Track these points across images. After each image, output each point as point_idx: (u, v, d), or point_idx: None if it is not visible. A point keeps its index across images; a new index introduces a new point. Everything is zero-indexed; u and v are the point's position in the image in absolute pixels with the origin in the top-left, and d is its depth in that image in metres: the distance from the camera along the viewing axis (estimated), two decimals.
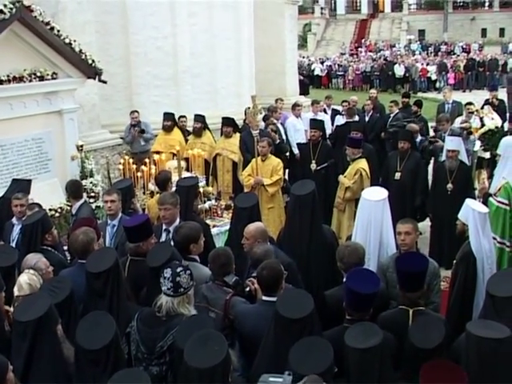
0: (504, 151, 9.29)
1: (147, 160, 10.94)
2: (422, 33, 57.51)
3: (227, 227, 8.78)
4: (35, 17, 10.09)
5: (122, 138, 14.65)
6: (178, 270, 5.23)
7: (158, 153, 12.08)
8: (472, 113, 14.42)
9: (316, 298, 6.27)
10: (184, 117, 14.39)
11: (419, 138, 12.89)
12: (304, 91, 25.87)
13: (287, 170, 13.69)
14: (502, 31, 55.48)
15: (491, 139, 13.04)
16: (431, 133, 14.38)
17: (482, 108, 15.80)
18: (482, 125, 13.78)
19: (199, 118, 13.66)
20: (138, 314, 5.32)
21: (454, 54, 47.41)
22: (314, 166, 12.15)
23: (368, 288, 5.23)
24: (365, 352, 4.45)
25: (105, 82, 11.92)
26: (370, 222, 7.11)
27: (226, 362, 4.19)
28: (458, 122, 13.82)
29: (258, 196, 10.09)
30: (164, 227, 7.74)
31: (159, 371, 5.10)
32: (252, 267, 6.21)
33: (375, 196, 7.35)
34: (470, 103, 15.24)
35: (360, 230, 7.20)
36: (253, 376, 4.73)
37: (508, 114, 14.02)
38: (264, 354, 4.95)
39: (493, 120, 14.37)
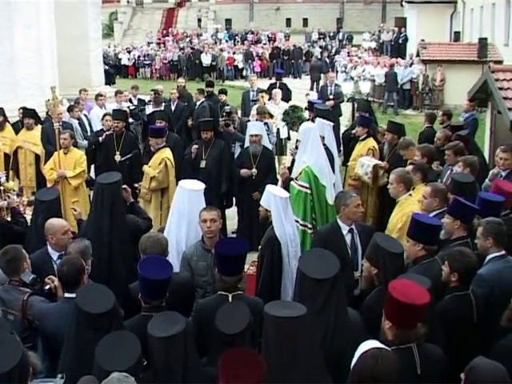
0: (303, 136, 9.58)
1: None
2: (228, 22, 58.19)
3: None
4: None
5: None
6: None
7: None
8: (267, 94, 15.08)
9: (122, 290, 6.26)
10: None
11: None
12: (110, 81, 25.47)
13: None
14: (305, 21, 57.28)
15: (291, 116, 13.55)
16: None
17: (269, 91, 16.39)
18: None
19: None
20: None
21: (261, 42, 48.43)
22: (118, 157, 11.95)
23: (159, 274, 5.23)
24: (169, 340, 4.46)
25: None
26: (185, 211, 7.14)
27: (21, 366, 4.02)
28: (254, 109, 14.18)
29: (61, 190, 9.87)
30: None
31: None
32: None
33: (193, 186, 7.44)
34: (262, 90, 15.96)
35: (175, 219, 7.22)
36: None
37: (307, 102, 14.54)
38: (67, 353, 4.83)
39: (279, 104, 15.33)
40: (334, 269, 5.07)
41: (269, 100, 15.31)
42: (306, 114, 13.74)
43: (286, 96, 17.51)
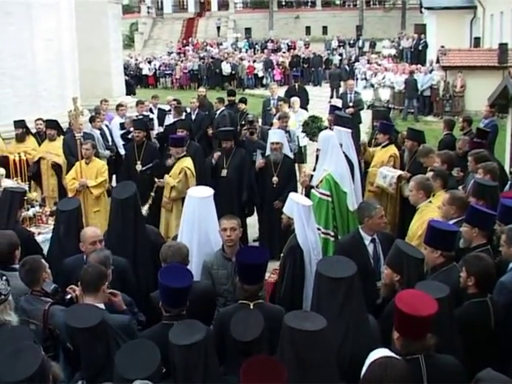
0: (322, 145, 9.59)
1: None
2: (248, 31, 58.29)
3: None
4: None
5: None
6: None
7: None
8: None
9: (145, 299, 6.31)
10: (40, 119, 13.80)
11: None
12: (130, 91, 25.62)
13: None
14: (325, 29, 57.21)
15: (311, 127, 13.54)
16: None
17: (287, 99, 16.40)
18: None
19: (20, 124, 13.27)
20: None
21: (280, 51, 48.45)
22: (139, 166, 11.96)
23: (180, 282, 5.23)
24: (189, 348, 4.47)
25: None
26: (195, 220, 7.15)
27: (40, 373, 4.06)
28: (275, 117, 14.22)
29: (83, 200, 9.95)
30: None
31: None
32: None
33: (201, 193, 7.42)
34: (282, 99, 16.11)
35: (186, 228, 7.22)
36: None
37: (329, 106, 14.63)
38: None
39: (297, 112, 15.41)
40: (351, 270, 5.11)
41: (288, 108, 15.35)
42: (325, 118, 13.78)
43: (304, 100, 17.64)
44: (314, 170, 10.26)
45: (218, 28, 57.79)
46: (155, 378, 4.17)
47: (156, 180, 11.01)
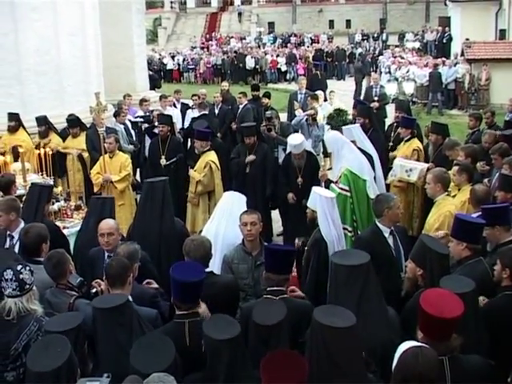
0: (333, 146, 9.59)
1: None
2: (271, 25, 58.29)
3: (77, 228, 8.60)
4: None
5: None
6: (19, 268, 5.15)
7: (2, 154, 11.60)
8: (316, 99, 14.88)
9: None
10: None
11: None
12: (154, 86, 25.67)
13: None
14: (348, 23, 57.14)
15: (336, 120, 13.49)
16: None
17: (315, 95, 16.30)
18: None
19: (41, 121, 13.35)
20: None
21: (304, 45, 48.36)
22: (163, 161, 11.98)
23: (190, 277, 5.19)
24: (228, 342, 4.46)
25: None
26: (229, 208, 7.36)
27: (69, 363, 4.15)
28: (300, 113, 14.16)
29: (107, 194, 10.05)
30: (8, 233, 7.52)
31: (16, 375, 5.00)
32: None
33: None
34: (310, 95, 15.81)
35: (218, 214, 7.42)
36: None
37: (353, 101, 14.57)
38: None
39: (322, 106, 15.48)
40: (365, 258, 5.15)
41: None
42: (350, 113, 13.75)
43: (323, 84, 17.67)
44: (330, 169, 10.26)
45: (240, 14, 57.79)
46: (170, 371, 4.15)
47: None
